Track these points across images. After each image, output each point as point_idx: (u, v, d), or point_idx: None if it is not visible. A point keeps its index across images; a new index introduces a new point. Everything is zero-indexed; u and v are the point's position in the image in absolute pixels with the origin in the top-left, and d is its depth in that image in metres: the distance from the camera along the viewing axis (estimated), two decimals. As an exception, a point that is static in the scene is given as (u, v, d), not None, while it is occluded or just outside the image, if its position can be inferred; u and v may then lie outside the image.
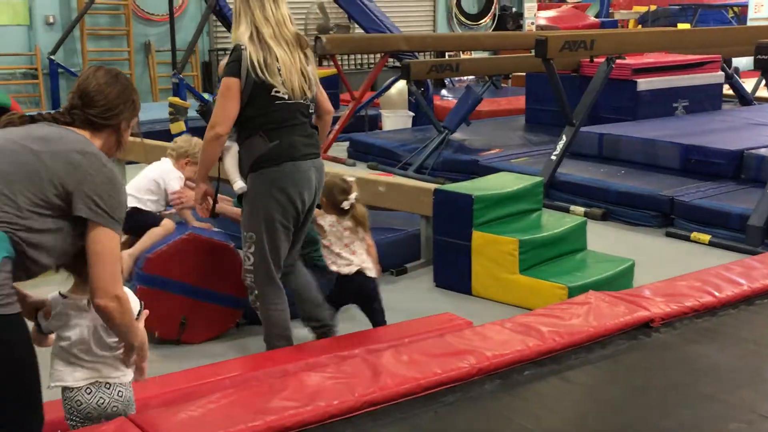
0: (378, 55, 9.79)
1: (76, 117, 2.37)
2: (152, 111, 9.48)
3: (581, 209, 6.59)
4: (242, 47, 3.44)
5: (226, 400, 2.38)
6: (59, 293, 2.46)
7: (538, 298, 4.54)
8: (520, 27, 14.49)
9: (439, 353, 2.69)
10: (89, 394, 2.42)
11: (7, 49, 10.77)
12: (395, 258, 5.34)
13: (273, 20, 3.49)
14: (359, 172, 6.56)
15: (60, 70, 10.87)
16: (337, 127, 9.13)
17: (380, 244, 5.27)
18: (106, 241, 2.23)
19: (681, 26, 16.24)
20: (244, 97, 3.45)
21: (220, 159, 3.70)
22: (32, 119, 2.37)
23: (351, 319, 4.51)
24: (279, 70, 3.46)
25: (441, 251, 5.09)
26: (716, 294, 3.20)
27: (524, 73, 9.80)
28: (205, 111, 8.77)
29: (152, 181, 4.47)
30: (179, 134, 8.39)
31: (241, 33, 3.47)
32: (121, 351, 2.45)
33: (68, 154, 2.24)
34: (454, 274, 5.01)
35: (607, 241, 5.95)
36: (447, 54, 12.35)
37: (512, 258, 4.76)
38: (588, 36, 7.01)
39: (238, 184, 3.69)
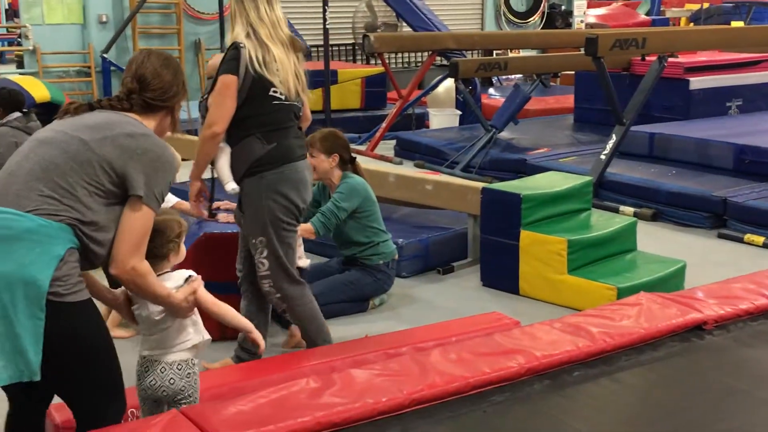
0: (426, 54, 9.78)
1: (134, 101, 2.44)
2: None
3: (631, 209, 6.51)
4: (241, 45, 3.35)
5: (275, 395, 2.40)
6: None
7: (586, 298, 4.50)
8: (569, 25, 14.36)
9: (488, 352, 2.68)
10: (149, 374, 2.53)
11: (61, 47, 10.98)
12: (442, 257, 5.33)
13: (268, 21, 3.42)
14: (406, 170, 6.56)
15: (112, 68, 11.05)
16: (384, 125, 9.14)
17: (427, 243, 5.31)
18: (139, 215, 2.29)
19: (734, 24, 15.97)
20: (241, 95, 3.37)
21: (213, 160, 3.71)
22: (90, 107, 2.43)
23: (396, 317, 4.53)
24: (277, 69, 3.40)
25: (488, 250, 5.06)
26: (771, 297, 3.13)
27: (573, 72, 9.71)
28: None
29: None
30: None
31: (238, 33, 3.40)
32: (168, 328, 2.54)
33: (116, 138, 2.30)
34: (502, 274, 4.98)
35: (658, 242, 5.87)
36: (495, 52, 12.30)
37: (560, 258, 4.71)
38: (639, 34, 6.91)
39: (230, 185, 3.67)
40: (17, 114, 5.41)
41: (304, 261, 3.95)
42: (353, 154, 4.68)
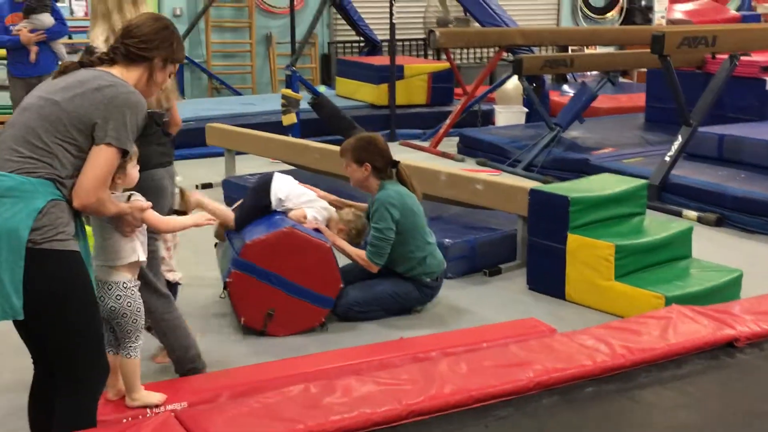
0: (495, 50, 9.60)
1: (117, 52, 2.62)
2: (270, 102, 9.65)
3: (694, 214, 6.26)
4: (96, 50, 3.06)
5: (271, 400, 2.36)
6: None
7: (633, 306, 4.33)
8: (649, 21, 13.93)
9: (499, 364, 2.58)
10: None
11: (136, 40, 11.22)
12: (489, 258, 5.22)
13: None
14: (456, 169, 6.43)
15: (185, 61, 11.21)
16: (447, 122, 9.04)
17: (474, 244, 5.20)
18: (104, 154, 2.45)
19: (828, 20, 15.25)
20: None
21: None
22: (81, 64, 2.62)
23: (435, 319, 4.45)
24: None
25: (535, 253, 4.93)
26: (814, 314, 2.94)
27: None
28: (318, 104, 8.86)
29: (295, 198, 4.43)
30: (290, 126, 8.54)
31: (96, 35, 3.21)
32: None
33: (84, 95, 2.47)
34: (548, 278, 4.85)
35: (719, 248, 5.63)
36: (571, 49, 12.03)
37: (608, 263, 4.55)
38: (709, 32, 6.64)
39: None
40: None
41: (175, 275, 3.73)
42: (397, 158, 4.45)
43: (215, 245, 4.78)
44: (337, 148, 6.70)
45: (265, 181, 4.49)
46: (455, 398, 2.38)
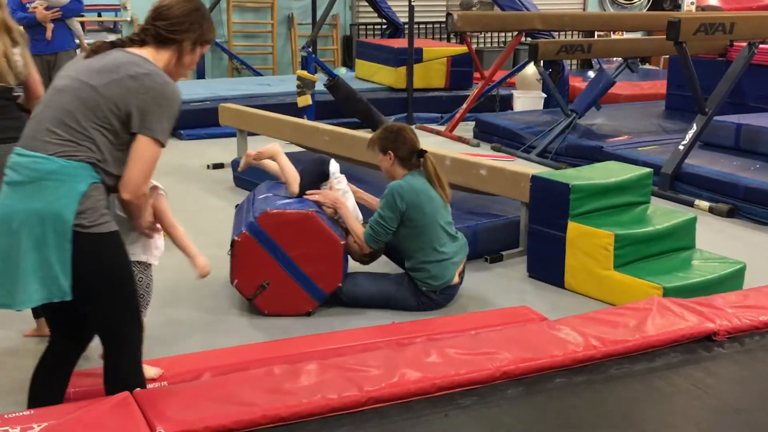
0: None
1: (148, 33, 2.62)
2: (288, 83, 9.64)
3: (706, 204, 6.16)
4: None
5: (232, 384, 2.35)
6: None
7: (631, 297, 4.24)
8: (677, 7, 13.69)
9: (468, 352, 2.55)
10: None
11: (157, 19, 11.24)
12: (492, 245, 5.17)
13: None
14: (462, 154, 6.36)
15: (207, 41, 11.22)
16: (464, 106, 8.97)
17: (475, 230, 5.15)
18: (146, 146, 2.51)
19: None
20: None
21: None
22: (113, 44, 2.63)
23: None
24: None
25: (536, 241, 4.87)
26: (800, 309, 2.87)
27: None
28: (333, 85, 8.81)
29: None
30: (306, 107, 8.52)
31: None
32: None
33: (121, 81, 2.49)
34: (548, 266, 4.79)
35: (728, 239, 5.54)
36: (597, 34, 11.86)
37: (607, 253, 4.48)
38: (727, 18, 6.49)
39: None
40: None
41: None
42: (423, 148, 4.29)
43: (236, 207, 4.78)
44: (347, 131, 6.73)
45: (324, 159, 4.54)
46: (417, 386, 2.35)
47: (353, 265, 4.41)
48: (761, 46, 6.74)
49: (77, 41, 7.57)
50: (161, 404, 2.23)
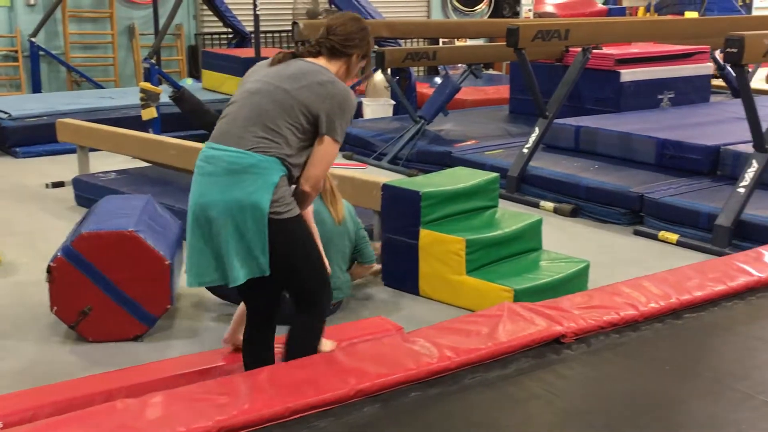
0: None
1: (322, 46, 2.96)
2: (131, 96, 9.31)
3: (551, 204, 6.37)
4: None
5: (84, 417, 2.19)
6: None
7: (484, 300, 4.32)
8: (517, 14, 14.18)
9: (320, 372, 2.49)
10: None
11: (-13, 30, 10.63)
12: (346, 255, 5.13)
13: None
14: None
15: (41, 52, 10.66)
16: (314, 115, 8.91)
17: (329, 241, 5.10)
18: (329, 147, 2.86)
19: (688, 14, 15.87)
20: None
21: None
22: (293, 55, 2.99)
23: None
24: None
25: (389, 249, 4.88)
26: (640, 307, 2.97)
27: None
28: (179, 97, 8.57)
29: None
30: (151, 121, 8.24)
31: None
32: None
33: (311, 86, 2.83)
34: (402, 274, 4.81)
35: (572, 239, 5.74)
36: (441, 41, 12.08)
37: (459, 258, 4.54)
38: (562, 25, 6.75)
39: None
40: None
41: None
42: None
43: None
44: (195, 144, 6.55)
45: None
46: (270, 411, 2.27)
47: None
48: (595, 51, 7.04)
49: None
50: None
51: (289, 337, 2.97)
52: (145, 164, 6.92)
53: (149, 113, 8.17)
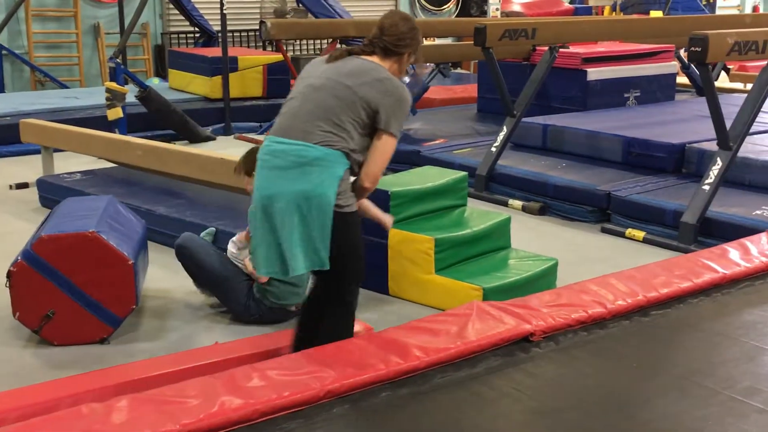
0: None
1: (376, 44, 3.04)
2: (96, 95, 9.21)
3: (519, 203, 6.40)
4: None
5: (52, 421, 2.16)
6: None
7: (453, 299, 4.32)
8: (484, 13, 14.23)
9: (290, 373, 2.47)
10: None
11: (-52, 30, 10.45)
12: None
13: None
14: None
15: (4, 52, 10.52)
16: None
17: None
18: (388, 142, 2.95)
19: (653, 14, 16.02)
20: None
21: None
22: (349, 52, 3.07)
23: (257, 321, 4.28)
24: None
25: (358, 249, 4.87)
26: (607, 305, 2.99)
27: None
28: (146, 97, 8.50)
29: None
30: (116, 121, 8.15)
31: None
32: None
33: (372, 83, 2.92)
34: (372, 273, 4.72)
35: (540, 237, 5.76)
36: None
37: (428, 257, 4.54)
38: (529, 24, 6.78)
39: None
40: None
41: None
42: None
43: None
44: (161, 144, 6.49)
45: None
46: (238, 414, 2.25)
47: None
48: (561, 50, 7.08)
49: None
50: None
51: (322, 334, 2.99)
52: (110, 165, 6.85)
53: (115, 113, 8.09)
